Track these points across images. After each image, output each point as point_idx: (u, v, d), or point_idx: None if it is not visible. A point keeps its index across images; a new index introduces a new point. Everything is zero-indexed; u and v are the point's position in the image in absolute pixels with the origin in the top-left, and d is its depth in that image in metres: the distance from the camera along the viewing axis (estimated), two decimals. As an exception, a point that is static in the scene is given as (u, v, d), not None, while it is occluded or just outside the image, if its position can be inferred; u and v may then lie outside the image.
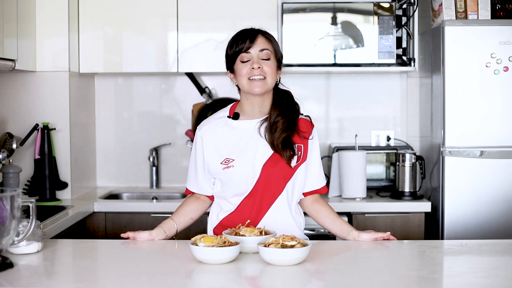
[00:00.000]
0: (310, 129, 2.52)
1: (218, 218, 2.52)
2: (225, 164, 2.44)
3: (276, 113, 2.45)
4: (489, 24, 3.53)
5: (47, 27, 3.60)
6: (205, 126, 2.52)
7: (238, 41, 2.45)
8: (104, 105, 4.18)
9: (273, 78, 2.45)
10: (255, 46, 2.43)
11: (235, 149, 2.46)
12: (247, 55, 2.43)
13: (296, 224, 2.51)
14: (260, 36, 2.45)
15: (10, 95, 3.62)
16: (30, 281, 1.99)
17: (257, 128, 2.47)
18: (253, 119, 2.49)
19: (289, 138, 2.44)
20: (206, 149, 2.49)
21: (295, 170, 2.47)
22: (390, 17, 3.78)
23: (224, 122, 2.51)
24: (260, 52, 2.43)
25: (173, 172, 4.16)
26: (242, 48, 2.43)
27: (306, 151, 2.49)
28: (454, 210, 3.53)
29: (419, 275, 2.07)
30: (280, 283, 2.00)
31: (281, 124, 2.43)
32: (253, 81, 2.42)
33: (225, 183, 2.48)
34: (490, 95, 3.52)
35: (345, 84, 4.18)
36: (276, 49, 2.48)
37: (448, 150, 3.53)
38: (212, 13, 3.82)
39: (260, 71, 2.41)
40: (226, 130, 2.49)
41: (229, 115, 2.51)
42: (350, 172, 3.65)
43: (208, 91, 4.12)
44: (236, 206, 2.48)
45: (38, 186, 3.55)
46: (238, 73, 2.45)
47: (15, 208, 2.04)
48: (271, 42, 2.47)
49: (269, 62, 2.44)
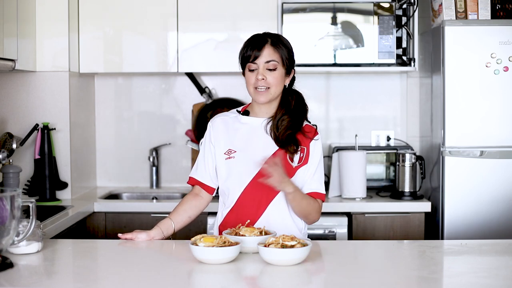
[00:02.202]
0: (314, 134, 2.56)
1: (223, 215, 2.56)
2: (227, 154, 2.52)
3: (282, 113, 2.52)
4: (489, 24, 3.53)
5: (47, 27, 3.60)
6: (217, 117, 2.62)
7: (248, 47, 2.50)
8: (104, 105, 4.18)
9: (278, 87, 2.50)
10: (261, 57, 2.47)
11: (239, 142, 2.53)
12: (254, 65, 2.48)
13: (296, 226, 2.52)
14: (268, 46, 2.48)
15: (10, 95, 3.62)
16: (30, 281, 1.99)
17: (263, 125, 2.53)
18: (261, 118, 2.56)
19: (294, 135, 2.49)
20: (214, 136, 2.57)
21: (295, 170, 2.49)
22: (390, 17, 3.78)
23: (235, 117, 2.59)
24: (266, 64, 2.47)
25: (173, 172, 4.16)
26: (250, 56, 2.48)
27: (308, 154, 2.52)
28: (454, 210, 3.53)
29: (419, 275, 2.07)
30: (280, 283, 2.00)
31: (286, 122, 2.49)
32: (258, 91, 2.48)
33: (223, 175, 2.53)
34: (490, 95, 3.52)
35: (345, 84, 4.18)
36: (283, 57, 2.50)
37: (448, 150, 3.53)
38: (212, 13, 3.82)
39: (264, 82, 2.47)
40: (235, 124, 2.57)
41: (240, 111, 2.60)
42: (350, 172, 3.65)
43: (208, 91, 4.12)
44: (235, 200, 2.50)
45: (38, 186, 3.55)
46: (247, 81, 2.53)
47: (15, 208, 2.04)
48: (279, 51, 2.49)
49: (275, 73, 2.48)
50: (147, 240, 2.48)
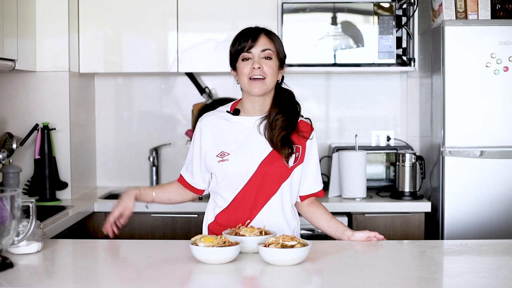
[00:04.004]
0: (310, 131, 2.53)
1: (214, 214, 2.53)
2: (220, 157, 2.46)
3: (276, 111, 2.46)
4: (489, 24, 3.53)
5: (47, 27, 3.60)
6: (205, 118, 2.54)
7: (241, 39, 2.45)
8: (104, 105, 4.18)
9: (273, 78, 2.45)
10: (257, 45, 2.43)
11: (232, 143, 2.47)
12: (249, 54, 2.43)
13: (290, 227, 2.51)
14: (262, 35, 2.45)
15: (10, 95, 3.62)
16: (30, 281, 1.99)
17: (256, 125, 2.48)
18: (253, 116, 2.50)
19: (288, 137, 2.45)
20: (204, 140, 2.51)
21: (291, 170, 2.47)
22: (390, 17, 3.78)
23: (225, 116, 2.52)
24: (261, 52, 2.43)
25: (173, 172, 4.16)
26: (245, 46, 2.43)
27: (304, 152, 2.50)
28: (454, 210, 3.53)
29: (419, 275, 2.07)
30: (280, 283, 2.00)
31: (281, 122, 2.44)
32: (253, 81, 2.42)
33: (219, 177, 2.48)
34: (490, 95, 3.52)
35: (345, 84, 4.18)
36: (278, 48, 2.48)
37: (448, 150, 3.53)
38: (212, 13, 3.82)
39: (261, 71, 2.42)
40: (226, 124, 2.51)
41: (230, 111, 2.53)
42: (350, 172, 3.65)
43: (208, 91, 4.12)
44: (229, 201, 2.48)
45: (38, 186, 3.55)
46: (240, 72, 2.46)
47: (15, 208, 2.04)
48: (274, 42, 2.47)
49: (270, 62, 2.44)
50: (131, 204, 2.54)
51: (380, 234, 2.48)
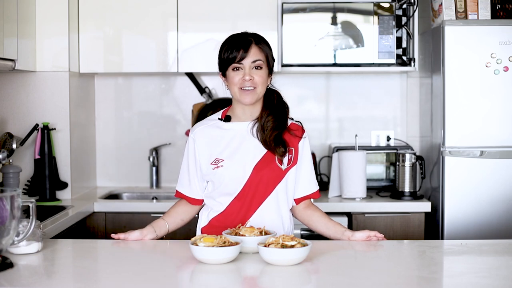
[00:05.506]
0: (301, 132, 2.55)
1: (208, 218, 2.53)
2: (214, 164, 2.46)
3: (267, 114, 2.49)
4: (489, 24, 3.53)
5: (47, 27, 3.60)
6: (197, 128, 2.55)
7: (233, 49, 2.45)
8: (104, 105, 4.18)
9: (264, 86, 2.47)
10: (248, 57, 2.44)
11: (225, 149, 2.48)
12: (240, 65, 2.45)
13: (284, 227, 2.51)
14: (253, 46, 2.45)
15: (10, 95, 3.62)
16: (30, 281, 1.99)
17: (249, 129, 2.49)
18: (245, 122, 2.52)
19: (281, 136, 2.47)
20: (198, 150, 2.51)
21: (285, 172, 2.48)
22: (390, 17, 3.78)
23: (216, 124, 2.53)
24: (252, 63, 2.44)
25: (173, 172, 4.15)
26: (236, 57, 2.44)
27: (297, 154, 2.51)
28: (454, 210, 3.53)
29: (419, 275, 2.07)
30: (280, 283, 2.00)
31: (272, 123, 2.46)
32: (244, 91, 2.44)
33: (215, 183, 2.49)
34: (490, 95, 3.52)
35: (345, 84, 4.18)
36: (268, 56, 2.49)
37: (448, 150, 3.53)
38: (212, 13, 3.82)
39: (251, 83, 2.44)
40: (218, 131, 2.51)
41: (221, 118, 2.54)
42: (350, 172, 3.65)
43: (208, 91, 4.12)
44: (225, 206, 2.48)
45: (38, 186, 3.55)
46: (230, 81, 2.47)
47: (15, 208, 2.04)
48: (264, 51, 2.48)
49: (261, 72, 2.45)
50: (140, 239, 2.47)
51: (380, 234, 2.48)
